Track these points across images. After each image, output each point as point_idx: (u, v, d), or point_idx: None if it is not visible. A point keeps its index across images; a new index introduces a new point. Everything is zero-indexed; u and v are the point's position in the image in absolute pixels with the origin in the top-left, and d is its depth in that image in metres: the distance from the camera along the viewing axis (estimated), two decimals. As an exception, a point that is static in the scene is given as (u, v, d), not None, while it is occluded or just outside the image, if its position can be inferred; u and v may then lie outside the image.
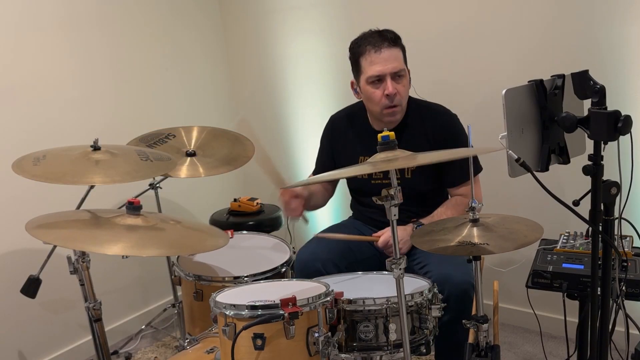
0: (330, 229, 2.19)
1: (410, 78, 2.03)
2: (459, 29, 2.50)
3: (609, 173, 1.35)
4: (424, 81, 2.17)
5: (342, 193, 2.45)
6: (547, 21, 2.29)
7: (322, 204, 2.30)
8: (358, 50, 1.99)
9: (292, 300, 1.43)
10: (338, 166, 2.17)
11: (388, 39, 1.95)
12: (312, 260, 1.93)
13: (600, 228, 1.36)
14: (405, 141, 1.98)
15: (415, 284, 1.71)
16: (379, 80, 1.95)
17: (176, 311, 2.53)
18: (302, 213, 2.05)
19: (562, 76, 1.40)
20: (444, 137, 2.02)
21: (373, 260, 2.04)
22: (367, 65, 1.96)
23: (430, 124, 2.05)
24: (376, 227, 2.11)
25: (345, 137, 2.18)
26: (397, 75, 1.95)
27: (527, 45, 2.34)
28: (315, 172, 2.29)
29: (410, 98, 2.07)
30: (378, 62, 1.93)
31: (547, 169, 1.41)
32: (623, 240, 1.81)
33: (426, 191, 2.07)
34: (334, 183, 2.32)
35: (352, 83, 2.08)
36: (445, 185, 2.10)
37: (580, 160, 1.38)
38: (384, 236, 1.94)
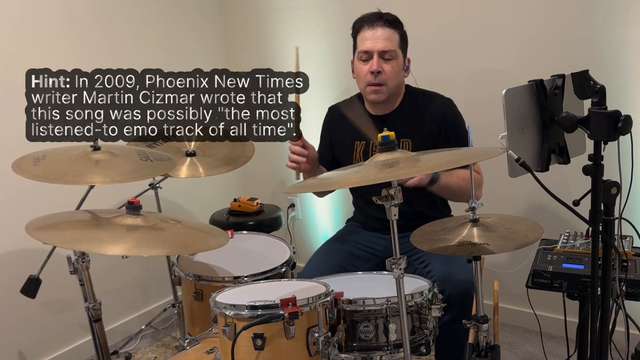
0: (331, 243, 2.19)
1: (407, 65, 2.05)
2: (458, 29, 2.50)
3: (609, 173, 1.35)
4: (423, 80, 2.17)
5: (342, 192, 2.45)
6: (547, 21, 2.29)
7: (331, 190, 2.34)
8: (356, 27, 2.03)
9: (292, 300, 1.43)
10: (335, 153, 2.20)
11: (385, 19, 1.97)
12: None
13: (600, 228, 1.36)
14: (402, 126, 1.98)
15: (415, 284, 1.71)
16: (367, 56, 1.97)
17: (176, 311, 2.53)
18: (304, 167, 2.01)
19: (562, 76, 1.40)
20: (442, 122, 2.02)
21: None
22: (359, 41, 2.01)
23: (427, 109, 2.05)
24: (378, 225, 2.12)
25: (342, 123, 2.19)
26: (385, 55, 1.96)
27: (527, 44, 2.34)
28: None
29: (406, 86, 2.09)
30: (369, 38, 1.96)
31: (547, 169, 1.41)
32: (623, 240, 1.81)
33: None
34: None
35: (351, 62, 2.10)
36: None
37: (580, 160, 1.39)
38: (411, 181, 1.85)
